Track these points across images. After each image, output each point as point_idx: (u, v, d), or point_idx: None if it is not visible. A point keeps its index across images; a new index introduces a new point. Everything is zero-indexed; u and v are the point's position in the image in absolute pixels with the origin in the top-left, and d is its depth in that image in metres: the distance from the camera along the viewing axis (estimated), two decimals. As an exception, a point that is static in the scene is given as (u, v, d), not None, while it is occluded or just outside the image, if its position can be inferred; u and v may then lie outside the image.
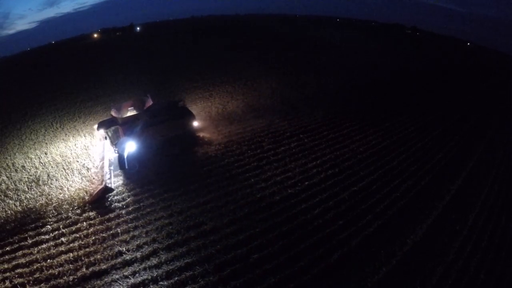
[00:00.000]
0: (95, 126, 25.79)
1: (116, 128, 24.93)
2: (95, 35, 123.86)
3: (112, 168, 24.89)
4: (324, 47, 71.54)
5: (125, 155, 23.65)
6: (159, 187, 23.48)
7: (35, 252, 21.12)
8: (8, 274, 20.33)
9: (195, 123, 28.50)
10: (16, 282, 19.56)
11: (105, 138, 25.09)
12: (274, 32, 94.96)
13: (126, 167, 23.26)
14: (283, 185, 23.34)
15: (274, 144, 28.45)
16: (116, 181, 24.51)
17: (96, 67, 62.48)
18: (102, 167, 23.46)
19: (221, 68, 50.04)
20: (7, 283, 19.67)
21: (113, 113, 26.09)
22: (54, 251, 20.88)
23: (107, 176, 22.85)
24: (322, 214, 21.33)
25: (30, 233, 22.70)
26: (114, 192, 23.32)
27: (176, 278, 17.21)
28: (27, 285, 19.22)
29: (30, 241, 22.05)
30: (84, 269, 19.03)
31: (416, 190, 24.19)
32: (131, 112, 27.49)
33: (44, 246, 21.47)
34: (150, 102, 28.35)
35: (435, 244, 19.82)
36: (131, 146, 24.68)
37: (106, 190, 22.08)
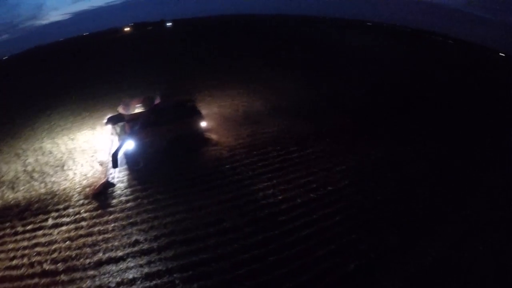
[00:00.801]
0: (104, 121, 27.02)
1: (123, 125, 26.06)
2: (127, 29, 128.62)
3: (119, 161, 25.91)
4: (347, 52, 70.57)
5: (120, 154, 24.35)
6: (175, 183, 24.56)
7: (55, 233, 22.34)
8: (27, 251, 21.68)
9: (204, 123, 29.04)
10: (33, 260, 20.81)
11: (114, 133, 26.40)
12: (295, 33, 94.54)
13: (118, 166, 23.86)
14: (305, 189, 23.31)
15: (297, 146, 28.47)
16: (122, 176, 25.77)
17: (126, 61, 65.32)
18: (108, 162, 24.75)
19: (239, 69, 50.71)
20: (25, 259, 21.00)
21: (120, 110, 27.06)
22: (73, 234, 21.94)
23: (111, 171, 24.07)
24: (343, 222, 21.10)
25: (52, 214, 24.13)
26: (126, 184, 24.77)
27: (190, 272, 17.44)
28: (44, 264, 20.35)
29: (51, 222, 23.43)
30: (101, 254, 19.82)
31: (438, 202, 23.25)
32: (138, 110, 28.22)
33: (64, 228, 22.66)
34: (158, 101, 29.22)
35: (456, 263, 18.95)
36: (129, 145, 25.60)
37: (107, 184, 23.17)
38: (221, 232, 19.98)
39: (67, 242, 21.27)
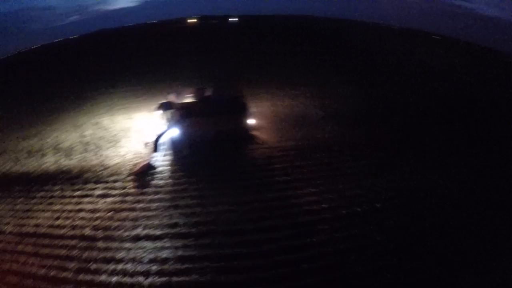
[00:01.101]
0: (156, 106, 27.85)
1: (173, 112, 26.80)
2: (193, 21, 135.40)
3: (163, 147, 26.87)
4: (411, 65, 67.09)
5: (162, 139, 25.30)
6: (221, 175, 24.64)
7: (101, 203, 23.26)
8: (71, 214, 22.85)
9: (254, 120, 28.86)
10: (76, 224, 21.87)
11: (163, 119, 27.17)
12: (360, 40, 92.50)
13: (157, 150, 24.61)
14: (351, 201, 21.89)
15: (351, 156, 26.98)
16: (166, 160, 26.66)
17: (188, 51, 68.58)
18: (155, 145, 26.38)
19: (298, 70, 50.29)
20: (68, 222, 22.10)
21: (171, 98, 27.83)
22: (117, 207, 22.61)
23: (156, 154, 25.72)
24: (383, 243, 19.07)
25: (100, 185, 25.30)
26: (171, 169, 25.89)
27: (222, 263, 17.09)
28: (85, 229, 21.19)
29: (98, 192, 24.50)
30: (140, 230, 20.16)
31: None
32: (188, 100, 28.79)
33: (109, 199, 23.48)
34: (210, 93, 29.53)
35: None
36: (174, 132, 26.51)
37: (148, 166, 24.41)
38: (260, 230, 19.39)
39: (110, 213, 21.93)
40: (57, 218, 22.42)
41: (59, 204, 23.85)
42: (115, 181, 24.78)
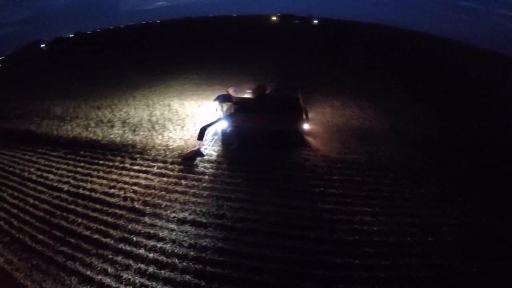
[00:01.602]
0: (214, 97, 29.04)
1: (229, 105, 27.58)
2: (274, 18, 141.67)
3: (215, 138, 28.02)
4: (489, 88, 58.74)
5: (209, 129, 26.36)
6: (273, 175, 24.58)
7: (156, 181, 24.60)
8: (126, 186, 24.40)
9: (306, 125, 28.26)
10: (128, 195, 23.33)
11: (219, 110, 28.13)
12: (446, 60, 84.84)
13: (203, 140, 25.58)
14: (404, 229, 19.68)
15: (412, 180, 24.66)
16: (213, 150, 27.73)
17: (262, 47, 70.62)
18: (207, 133, 27.67)
19: (365, 81, 47.32)
20: (122, 192, 23.73)
21: (230, 91, 28.54)
22: (171, 187, 23.63)
23: (207, 142, 26.77)
24: (428, 283, 16.60)
25: (159, 164, 26.79)
26: (224, 160, 26.66)
27: (258, 263, 16.90)
28: (136, 202, 22.53)
29: (155, 170, 25.98)
30: (187, 214, 20.77)
31: None
32: (246, 95, 29.17)
33: (165, 179, 24.70)
34: (268, 90, 29.74)
35: None
36: (223, 124, 27.68)
37: (197, 153, 25.80)
38: (304, 239, 18.53)
39: (162, 192, 22.95)
40: (112, 187, 24.11)
41: (117, 174, 25.62)
42: (173, 163, 25.82)
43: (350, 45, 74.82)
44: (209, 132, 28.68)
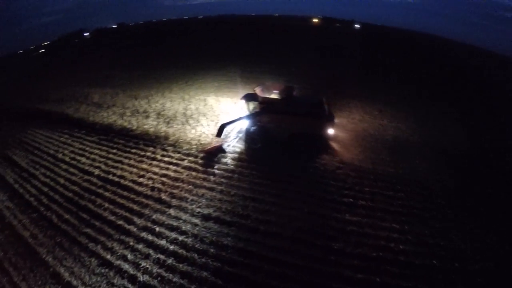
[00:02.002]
0: (241, 96, 29.87)
1: (255, 104, 28.19)
2: (315, 20, 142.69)
3: (240, 135, 28.83)
4: None
5: (229, 127, 27.15)
6: (298, 180, 24.41)
7: (185, 174, 25.40)
8: (155, 177, 25.37)
9: (331, 130, 28.01)
10: (156, 186, 24.28)
11: (245, 109, 28.85)
12: (488, 73, 79.52)
13: (221, 136, 26.20)
14: (431, 251, 18.62)
15: (446, 200, 23.11)
16: (236, 148, 28.31)
17: (299, 48, 70.48)
18: (231, 131, 28.94)
19: (408, 92, 45.14)
20: (150, 182, 24.68)
21: (257, 91, 28.96)
22: (199, 182, 24.40)
23: (230, 139, 27.60)
24: None
25: (190, 158, 27.59)
26: (250, 159, 26.84)
27: (277, 269, 16.97)
28: (162, 193, 23.41)
29: (185, 164, 26.83)
30: (211, 210, 21.32)
31: None
32: (273, 96, 29.45)
33: (193, 173, 25.42)
34: (297, 93, 30.19)
35: None
36: (244, 123, 28.84)
37: (219, 149, 26.51)
38: (327, 249, 18.21)
39: (190, 186, 23.50)
40: (141, 176, 25.12)
41: (147, 164, 26.64)
42: (203, 158, 26.32)
43: (388, 52, 72.65)
44: (232, 130, 29.60)
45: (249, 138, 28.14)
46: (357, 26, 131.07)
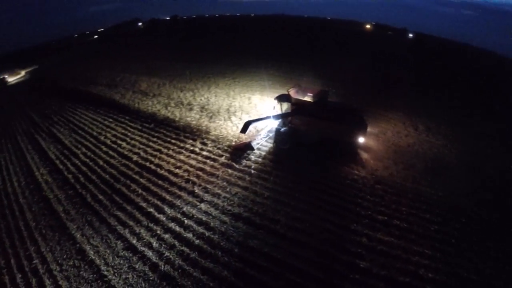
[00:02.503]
0: (275, 96, 30.23)
1: (288, 105, 28.64)
2: (367, 26, 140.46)
3: (270, 134, 29.37)
4: None
5: (255, 124, 28.24)
6: (321, 186, 24.24)
7: (220, 171, 26.18)
8: (191, 169, 26.57)
9: (362, 139, 27.37)
10: (191, 179, 25.19)
11: (277, 108, 29.41)
12: None
13: (245, 133, 26.65)
14: (461, 284, 17.35)
15: (483, 233, 21.06)
16: (265, 146, 28.92)
17: (342, 53, 70.64)
18: (261, 129, 30.03)
19: (454, 109, 41.79)
20: (186, 174, 25.75)
21: (291, 92, 29.33)
22: (233, 180, 24.84)
23: (259, 137, 28.72)
24: None
25: (227, 155, 28.26)
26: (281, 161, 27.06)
27: (299, 279, 16.95)
28: (196, 186, 24.26)
29: (223, 161, 27.43)
30: (242, 211, 21.57)
31: None
32: (306, 98, 29.40)
33: (229, 171, 26.17)
34: (329, 97, 30.24)
35: None
36: (270, 123, 29.81)
37: (248, 146, 27.51)
38: (353, 266, 17.85)
39: (224, 183, 24.22)
40: (178, 167, 26.19)
41: (185, 156, 27.68)
42: (242, 157, 26.95)
43: (441, 65, 68.57)
44: (264, 128, 30.47)
45: (279, 138, 28.63)
46: (410, 35, 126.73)
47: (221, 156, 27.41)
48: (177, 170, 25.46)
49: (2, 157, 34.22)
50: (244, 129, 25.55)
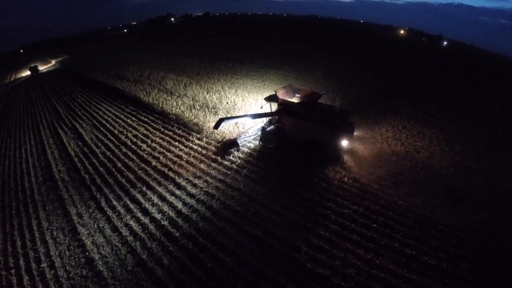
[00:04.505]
0: (266, 96, 30.76)
1: (277, 105, 29.17)
2: (401, 31, 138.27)
3: (257, 133, 30.45)
4: None
5: (229, 121, 28.19)
6: (299, 189, 23.45)
7: (242, 184, 24.94)
8: (211, 180, 25.55)
9: (346, 142, 27.10)
10: (210, 192, 24.19)
11: (265, 107, 30.28)
12: None
13: (218, 129, 26.69)
14: None
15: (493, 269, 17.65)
16: (250, 144, 29.74)
17: (379, 57, 69.33)
18: (248, 128, 31.48)
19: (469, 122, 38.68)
20: (205, 186, 24.81)
21: (279, 92, 29.60)
22: (254, 195, 23.24)
23: (246, 135, 30.22)
24: None
25: (250, 167, 27.07)
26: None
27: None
28: (214, 201, 23.04)
29: (244, 173, 26.36)
30: (260, 232, 19.83)
31: None
32: (293, 99, 29.62)
33: (250, 184, 24.49)
34: (317, 99, 29.95)
35: None
36: (245, 121, 31.54)
37: (233, 143, 28.90)
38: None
39: (244, 199, 23.12)
40: (198, 177, 25.63)
41: (206, 165, 27.19)
42: (219, 149, 28.63)
43: (475, 76, 64.98)
44: (253, 126, 31.67)
45: (264, 137, 29.25)
46: (445, 42, 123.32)
47: (243, 167, 26.58)
48: (196, 181, 24.64)
49: (24, 149, 34.14)
50: (216, 125, 25.18)
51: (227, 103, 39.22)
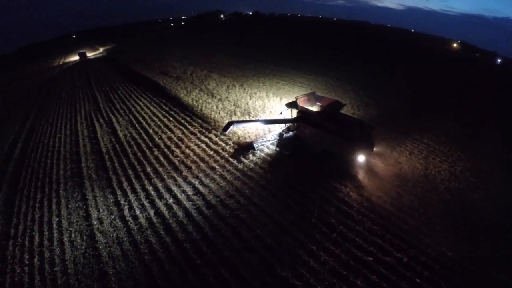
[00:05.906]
0: (287, 102, 30.30)
1: (297, 112, 28.82)
2: (454, 45, 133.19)
3: (276, 138, 30.06)
4: None
5: (239, 125, 29.73)
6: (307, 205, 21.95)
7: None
8: (239, 199, 23.25)
9: (362, 158, 25.26)
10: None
11: (284, 113, 29.94)
12: None
13: (226, 132, 26.69)
14: None
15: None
16: (267, 148, 29.33)
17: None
18: (268, 132, 30.92)
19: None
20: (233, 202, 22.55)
21: (300, 99, 29.09)
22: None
23: (264, 139, 29.75)
24: None
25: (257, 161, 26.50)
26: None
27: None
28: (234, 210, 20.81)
29: (251, 165, 25.45)
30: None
31: None
32: (314, 107, 29.26)
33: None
34: (341, 110, 29.34)
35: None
36: (256, 125, 31.17)
37: (249, 146, 28.95)
38: None
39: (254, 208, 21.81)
40: (230, 196, 23.56)
41: (234, 176, 25.45)
42: (236, 151, 28.23)
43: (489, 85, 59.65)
44: (272, 131, 30.75)
45: (281, 143, 28.93)
46: (499, 60, 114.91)
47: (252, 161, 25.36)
48: (228, 200, 22.64)
49: (58, 138, 34.26)
50: (225, 128, 25.32)
51: (270, 112, 37.18)
